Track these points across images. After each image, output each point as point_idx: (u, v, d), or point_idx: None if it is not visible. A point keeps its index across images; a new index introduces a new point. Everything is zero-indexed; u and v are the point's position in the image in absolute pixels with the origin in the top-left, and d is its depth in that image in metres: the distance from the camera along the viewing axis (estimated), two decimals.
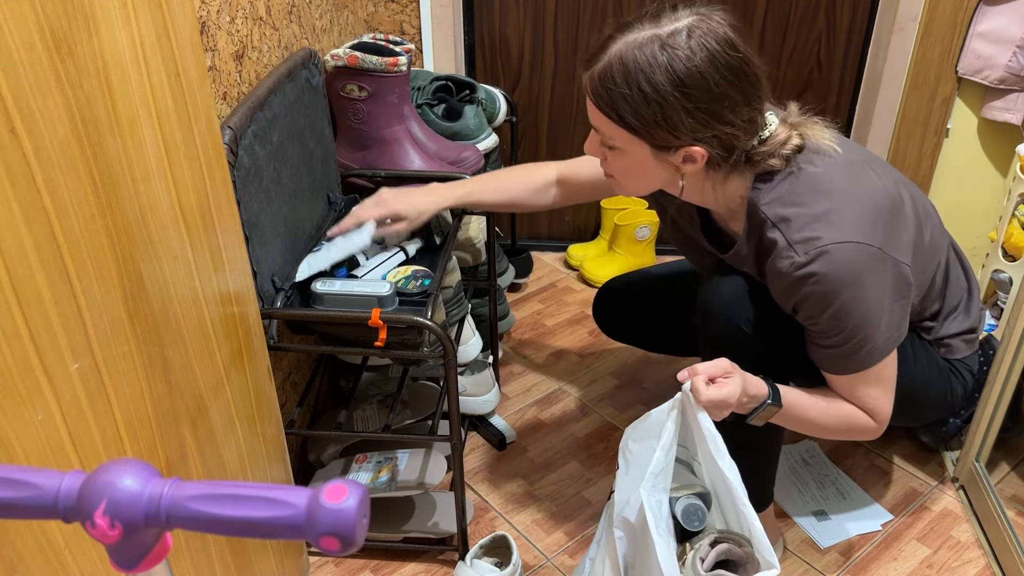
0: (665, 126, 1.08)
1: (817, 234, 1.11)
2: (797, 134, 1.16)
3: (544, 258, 2.41)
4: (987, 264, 1.92)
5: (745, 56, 1.08)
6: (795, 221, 1.13)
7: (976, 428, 1.52)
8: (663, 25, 1.07)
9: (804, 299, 1.14)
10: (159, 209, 0.88)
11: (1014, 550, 1.41)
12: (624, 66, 1.07)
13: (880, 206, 1.16)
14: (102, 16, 0.76)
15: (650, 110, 1.07)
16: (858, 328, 1.14)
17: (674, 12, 1.09)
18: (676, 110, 1.07)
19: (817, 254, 1.11)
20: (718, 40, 1.06)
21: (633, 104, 1.08)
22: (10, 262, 0.66)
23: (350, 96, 1.62)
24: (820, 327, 1.16)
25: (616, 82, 1.08)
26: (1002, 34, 1.89)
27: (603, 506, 1.60)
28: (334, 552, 0.50)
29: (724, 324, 1.23)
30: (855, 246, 1.11)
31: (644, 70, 1.06)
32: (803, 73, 2.15)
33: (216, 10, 1.20)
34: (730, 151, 1.12)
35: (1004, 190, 2.07)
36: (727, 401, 1.10)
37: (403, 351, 1.31)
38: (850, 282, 1.11)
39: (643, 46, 1.06)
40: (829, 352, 1.19)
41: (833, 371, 1.21)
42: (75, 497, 0.52)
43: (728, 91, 1.07)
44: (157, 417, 0.90)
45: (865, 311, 1.14)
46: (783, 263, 1.13)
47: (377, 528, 1.49)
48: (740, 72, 1.07)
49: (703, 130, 1.09)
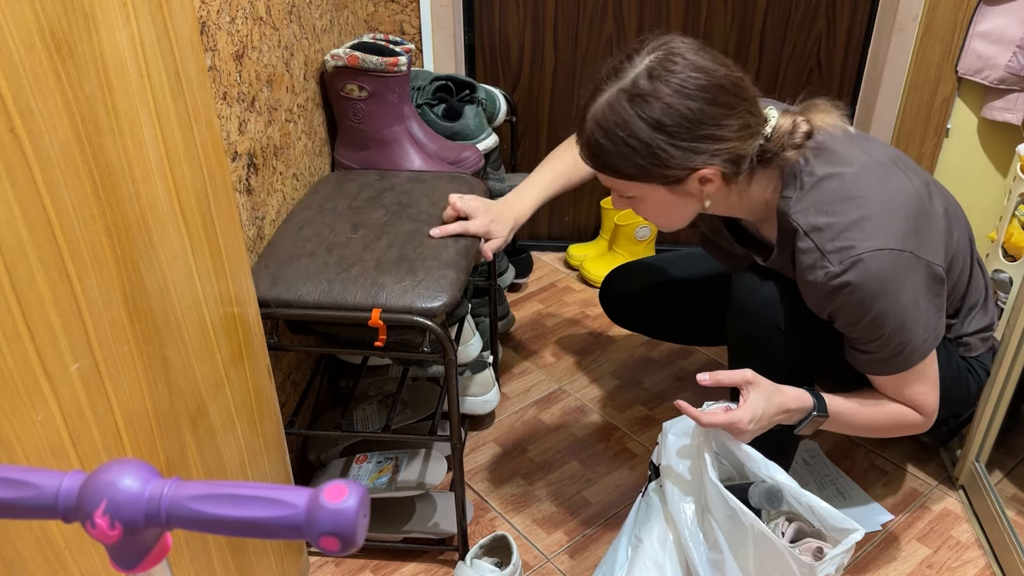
0: (666, 165, 1.10)
1: (850, 243, 1.11)
2: (802, 120, 1.15)
3: (544, 258, 2.41)
4: (987, 264, 1.92)
5: (710, 71, 1.08)
6: (827, 231, 1.13)
7: (976, 428, 1.52)
8: (624, 77, 1.09)
9: (840, 308, 1.14)
10: (159, 209, 0.88)
11: (1014, 550, 1.41)
12: (603, 129, 1.10)
13: (910, 210, 1.16)
14: (102, 16, 0.76)
15: (644, 158, 1.09)
16: (896, 332, 1.15)
17: (631, 60, 1.10)
18: (666, 149, 1.08)
19: (851, 263, 1.10)
20: (680, 69, 1.07)
21: (626, 158, 1.10)
22: (10, 262, 0.66)
23: (350, 96, 1.62)
24: (858, 333, 1.17)
25: (602, 145, 1.11)
26: (1002, 34, 1.89)
27: (603, 506, 1.60)
28: (334, 552, 0.50)
29: (761, 324, 1.24)
30: (888, 253, 1.11)
31: (621, 126, 1.08)
32: (803, 73, 2.15)
33: (216, 10, 1.20)
34: (738, 161, 1.12)
35: (1004, 190, 2.07)
36: (736, 426, 1.11)
37: (403, 351, 1.31)
38: (885, 290, 1.11)
39: (613, 104, 1.09)
40: (870, 356, 1.19)
41: (876, 373, 1.22)
42: (75, 497, 0.52)
43: (706, 111, 1.07)
44: (157, 417, 0.90)
45: (902, 316, 1.14)
46: (817, 273, 1.13)
47: (377, 528, 1.49)
48: (711, 88, 1.07)
49: (702, 154, 1.09)
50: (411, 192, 1.51)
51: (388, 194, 1.51)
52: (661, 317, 1.69)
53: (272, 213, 1.46)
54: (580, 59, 2.16)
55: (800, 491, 1.12)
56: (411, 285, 1.27)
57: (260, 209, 1.41)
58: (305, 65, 1.58)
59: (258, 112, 1.37)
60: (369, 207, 1.47)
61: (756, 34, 2.10)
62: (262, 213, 1.42)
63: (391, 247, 1.35)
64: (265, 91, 1.40)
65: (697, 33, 2.10)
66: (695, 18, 2.09)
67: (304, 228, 1.41)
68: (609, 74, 1.11)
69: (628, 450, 1.74)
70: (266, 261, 1.34)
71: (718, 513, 1.11)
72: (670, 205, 1.17)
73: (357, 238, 1.37)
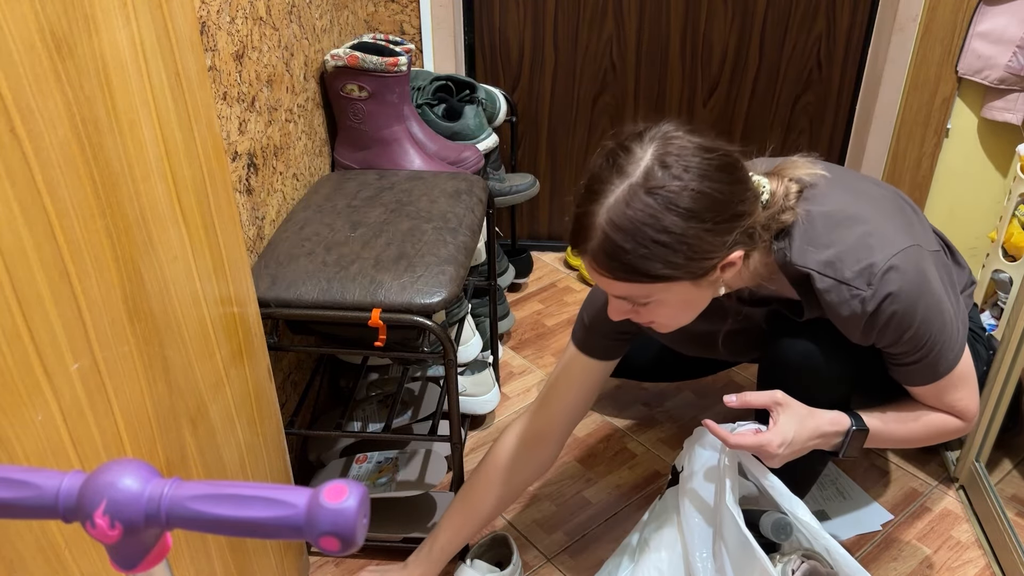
0: (704, 255, 1.01)
1: (867, 262, 1.07)
2: (789, 179, 1.12)
3: (544, 258, 2.41)
4: (987, 264, 1.92)
5: (719, 149, 1.02)
6: (838, 262, 1.08)
7: (976, 428, 1.52)
8: (630, 172, 0.98)
9: (886, 325, 1.09)
10: (159, 209, 0.88)
11: (1014, 550, 1.41)
12: (623, 230, 0.98)
13: (891, 208, 1.15)
14: (102, 16, 0.76)
15: (679, 254, 0.99)
16: (943, 326, 1.11)
17: (629, 154, 1.00)
18: (701, 238, 0.99)
19: (880, 278, 1.06)
20: (691, 154, 0.99)
21: (656, 258, 0.99)
22: (10, 262, 0.66)
23: (350, 96, 1.62)
24: (905, 346, 1.12)
25: (627, 249, 0.98)
26: (1002, 34, 1.89)
27: (603, 506, 1.60)
28: (334, 552, 0.50)
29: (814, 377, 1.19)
30: (904, 252, 1.08)
31: (648, 223, 0.97)
32: (803, 73, 2.15)
33: (216, 10, 1.20)
34: (755, 236, 1.07)
35: (1004, 190, 2.07)
36: (765, 449, 1.08)
37: (403, 351, 1.31)
38: (921, 287, 1.08)
39: (630, 202, 0.97)
40: (916, 367, 1.14)
41: (922, 383, 1.17)
42: (75, 497, 0.52)
43: (731, 189, 1.01)
44: (157, 417, 0.90)
45: (941, 309, 1.11)
46: (853, 304, 1.08)
47: (377, 528, 1.49)
48: (726, 167, 1.02)
49: (731, 235, 1.02)
50: (410, 191, 1.51)
51: (387, 193, 1.51)
52: (645, 363, 1.67)
53: (272, 213, 1.46)
54: (580, 59, 2.16)
55: (820, 532, 1.09)
56: (410, 281, 1.27)
57: (260, 209, 1.41)
58: (305, 65, 1.58)
59: (258, 112, 1.37)
60: (368, 206, 1.47)
61: (756, 34, 2.10)
62: (262, 213, 1.42)
63: (390, 245, 1.35)
64: (265, 91, 1.40)
65: (697, 33, 2.10)
66: (695, 18, 2.09)
67: (304, 228, 1.41)
68: (607, 173, 1.00)
69: (628, 450, 1.74)
70: (266, 261, 1.34)
71: (730, 540, 1.09)
72: (690, 302, 1.08)
73: (356, 237, 1.38)
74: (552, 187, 2.35)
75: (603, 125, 2.24)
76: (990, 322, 1.94)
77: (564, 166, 2.31)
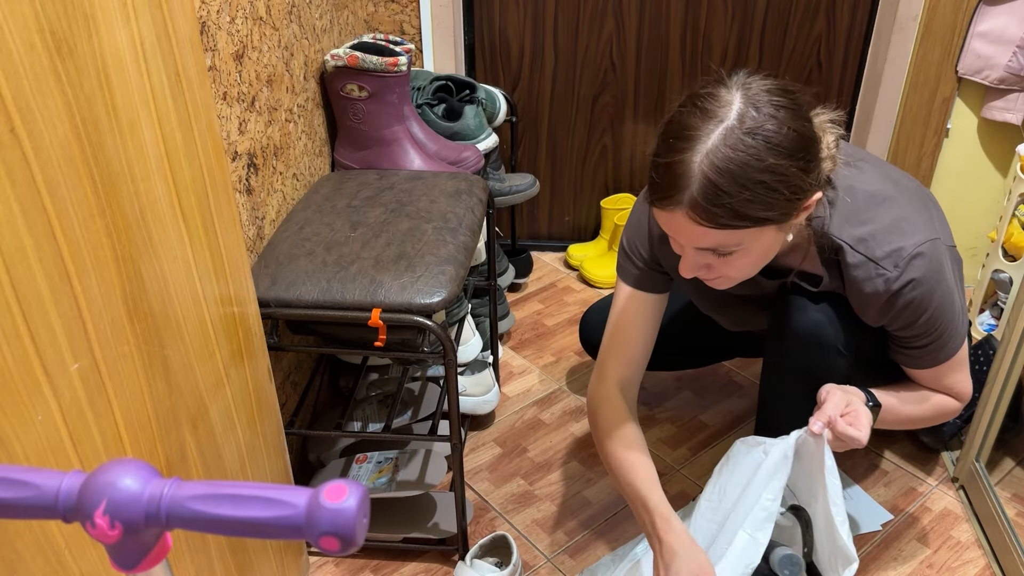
0: (796, 196, 1.01)
1: (898, 245, 1.11)
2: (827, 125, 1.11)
3: (544, 258, 2.41)
4: (987, 264, 1.92)
5: (797, 90, 1.03)
6: (871, 240, 1.12)
7: (976, 428, 1.52)
8: (721, 116, 0.98)
9: (904, 308, 1.14)
10: (159, 209, 0.88)
11: (1014, 550, 1.41)
12: (727, 174, 0.96)
13: (920, 201, 1.18)
14: (102, 16, 0.76)
15: (780, 193, 0.98)
16: (952, 316, 1.17)
17: (715, 100, 0.99)
18: (799, 176, 0.99)
19: (906, 264, 1.11)
20: (776, 94, 1.00)
21: (760, 199, 0.98)
22: (10, 262, 0.66)
23: (350, 96, 1.62)
24: (916, 330, 1.16)
25: (730, 192, 0.96)
26: (1002, 34, 1.89)
27: (603, 506, 1.60)
28: (334, 552, 0.50)
29: (820, 346, 1.22)
30: (931, 243, 1.13)
31: (751, 164, 0.96)
32: (803, 73, 2.15)
33: (216, 10, 1.20)
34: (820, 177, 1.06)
35: (1004, 190, 2.07)
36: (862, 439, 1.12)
37: (403, 351, 1.31)
38: (938, 277, 1.13)
39: (729, 144, 0.96)
40: (923, 351, 1.20)
41: (923, 367, 1.23)
42: (75, 497, 0.52)
43: (809, 128, 1.02)
44: (157, 417, 0.90)
45: (952, 299, 1.16)
46: (876, 283, 1.12)
47: (377, 528, 1.49)
48: (803, 108, 1.02)
49: (816, 174, 1.03)
50: (410, 191, 1.51)
51: (387, 193, 1.51)
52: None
53: (272, 213, 1.46)
54: (580, 59, 2.16)
55: (844, 547, 1.14)
56: (410, 281, 1.27)
57: (260, 209, 1.41)
58: (305, 65, 1.58)
59: (258, 112, 1.37)
60: (368, 206, 1.47)
61: (756, 34, 2.10)
62: (262, 213, 1.42)
63: (390, 245, 1.35)
64: (265, 91, 1.40)
65: (697, 33, 2.10)
66: (695, 18, 2.09)
67: (304, 228, 1.41)
68: (694, 120, 0.99)
69: None
70: (266, 261, 1.34)
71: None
72: (768, 250, 1.07)
73: (356, 237, 1.38)
74: (552, 187, 2.35)
75: (603, 125, 2.24)
76: (990, 322, 1.95)
77: (564, 166, 2.31)
